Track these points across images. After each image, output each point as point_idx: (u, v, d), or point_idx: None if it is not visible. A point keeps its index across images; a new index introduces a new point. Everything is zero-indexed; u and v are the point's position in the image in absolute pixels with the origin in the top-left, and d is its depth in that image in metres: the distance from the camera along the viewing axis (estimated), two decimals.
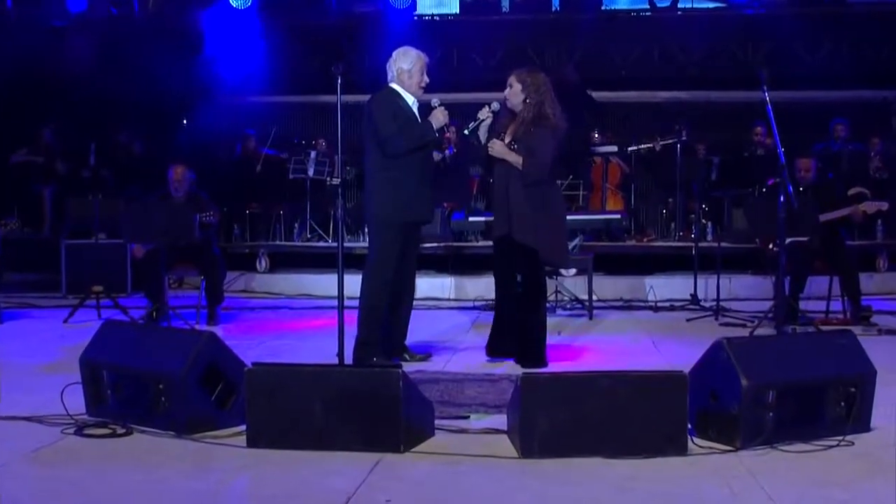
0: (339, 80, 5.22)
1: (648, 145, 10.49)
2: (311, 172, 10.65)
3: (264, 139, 11.18)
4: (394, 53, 5.77)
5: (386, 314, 5.79)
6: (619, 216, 8.76)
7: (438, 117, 5.69)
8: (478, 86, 10.30)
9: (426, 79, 5.73)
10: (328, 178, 10.68)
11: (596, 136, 10.82)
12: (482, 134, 5.73)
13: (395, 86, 5.74)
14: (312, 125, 12.06)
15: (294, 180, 10.82)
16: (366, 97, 5.75)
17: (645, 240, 10.43)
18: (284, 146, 11.39)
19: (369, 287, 5.72)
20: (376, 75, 6.00)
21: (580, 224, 8.74)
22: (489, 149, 5.63)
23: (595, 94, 10.88)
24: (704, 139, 10.89)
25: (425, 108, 5.79)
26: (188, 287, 9.44)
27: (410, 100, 5.73)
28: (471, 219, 8.97)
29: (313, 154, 10.75)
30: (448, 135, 5.93)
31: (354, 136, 6.83)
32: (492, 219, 5.81)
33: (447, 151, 10.06)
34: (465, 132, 5.76)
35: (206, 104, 11.34)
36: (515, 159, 5.53)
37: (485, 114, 5.70)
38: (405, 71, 5.69)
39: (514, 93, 5.62)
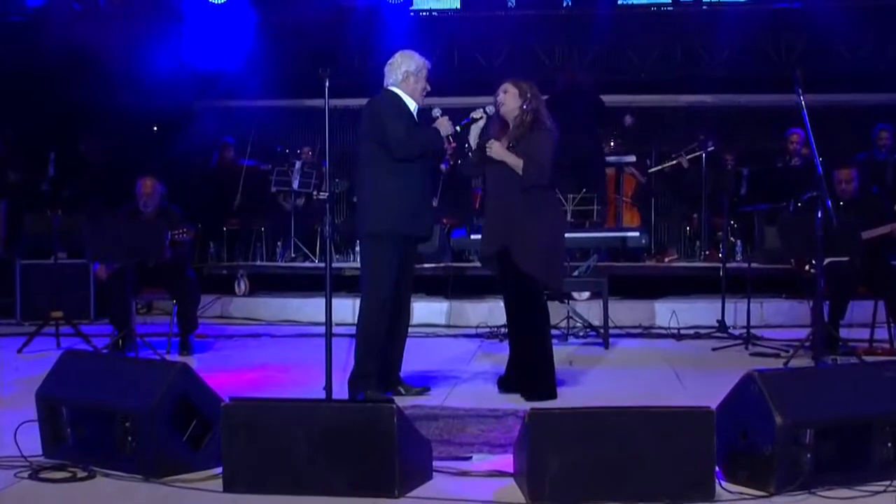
0: (328, 83, 5.29)
1: (673, 163, 10.55)
2: (295, 185, 10.70)
3: (244, 148, 11.24)
4: (397, 56, 5.92)
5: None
6: (636, 233, 8.75)
7: (445, 125, 5.85)
8: (480, 88, 10.34)
9: (427, 85, 5.90)
10: (315, 192, 10.72)
11: (611, 144, 10.86)
12: (472, 137, 5.91)
13: (396, 90, 5.85)
14: (298, 132, 12.11)
15: (277, 193, 10.87)
16: (357, 101, 5.89)
17: (666, 260, 10.44)
18: (266, 156, 11.44)
19: (367, 312, 5.76)
20: (369, 77, 6.12)
21: (594, 242, 8.75)
22: (487, 149, 5.78)
23: (611, 98, 10.85)
24: (733, 148, 10.92)
25: (426, 117, 5.94)
26: (158, 313, 9.46)
27: (412, 105, 5.87)
28: (472, 236, 8.93)
29: (298, 164, 10.80)
30: (452, 145, 6.01)
31: (344, 144, 6.88)
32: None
33: (442, 165, 10.10)
34: (457, 128, 5.93)
35: (178, 108, 11.38)
36: (515, 161, 5.70)
37: (479, 114, 5.91)
38: (412, 74, 5.84)
39: (511, 97, 5.81)
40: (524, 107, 5.77)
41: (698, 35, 12.00)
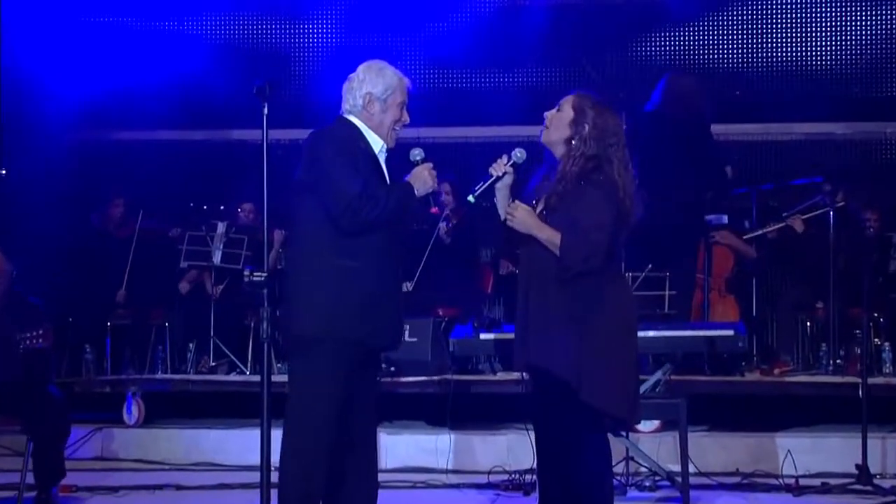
0: (266, 107, 5.36)
1: (781, 225, 10.58)
2: (217, 259, 10.74)
3: (140, 202, 11.28)
4: (359, 69, 5.83)
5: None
6: (731, 331, 8.66)
7: (424, 178, 5.71)
8: (493, 117, 10.39)
9: (406, 116, 5.84)
10: (247, 271, 10.68)
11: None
12: (501, 203, 5.74)
13: (354, 119, 5.79)
14: (220, 179, 12.19)
15: (189, 271, 10.86)
16: (306, 133, 5.82)
17: (777, 372, 10.36)
18: (173, 214, 11.48)
19: (291, 456, 5.65)
20: (327, 99, 6.10)
21: (665, 345, 8.65)
22: (508, 218, 5.64)
23: None
24: (875, 203, 10.89)
25: (398, 160, 5.84)
26: (4, 453, 9.36)
27: (377, 144, 5.77)
28: (482, 336, 8.92)
29: (221, 228, 10.82)
30: (434, 209, 5.95)
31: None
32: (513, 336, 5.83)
33: (442, 223, 10.11)
34: (470, 198, 5.74)
35: (38, 143, 11.39)
36: (549, 235, 5.55)
37: (502, 168, 5.69)
38: (376, 99, 5.75)
39: (560, 122, 5.69)
40: (573, 141, 5.63)
41: (823, 38, 12.14)
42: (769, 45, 12.34)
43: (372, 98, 5.75)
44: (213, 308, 10.85)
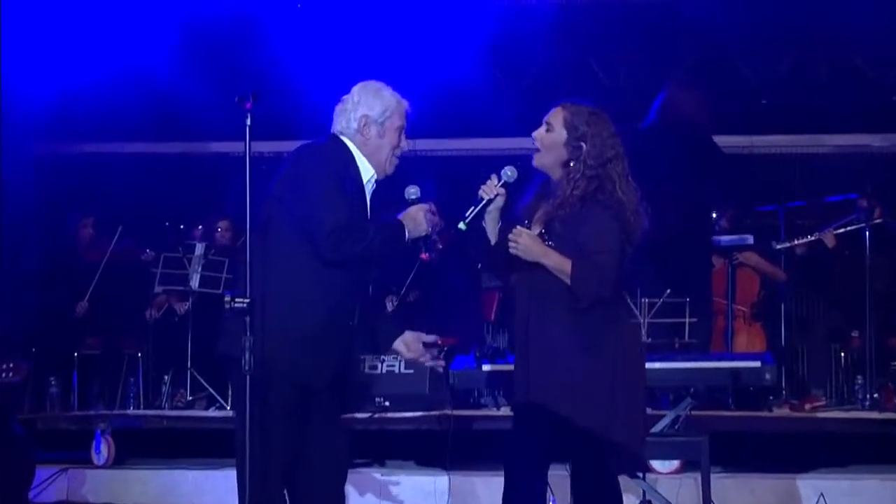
0: (249, 118, 5.36)
1: (810, 239, 10.56)
2: (195, 283, 10.77)
3: (110, 222, 11.32)
4: (354, 90, 5.83)
5: None
6: (757, 362, 8.67)
7: (418, 220, 5.70)
8: (494, 128, 10.38)
9: (405, 142, 5.85)
10: (228, 297, 10.65)
11: (713, 214, 10.94)
12: (491, 227, 5.78)
13: (347, 142, 5.79)
14: (198, 196, 12.27)
15: (165, 296, 10.83)
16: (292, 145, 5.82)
17: (808, 407, 10.37)
18: (147, 235, 11.51)
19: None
20: (313, 112, 6.13)
21: (685, 378, 8.66)
22: (511, 245, 5.62)
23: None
24: None
25: (387, 194, 5.85)
26: None
27: (367, 173, 5.77)
28: (485, 367, 8.93)
29: (200, 249, 10.85)
30: (425, 256, 5.91)
31: None
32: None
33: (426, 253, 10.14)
34: (461, 226, 5.76)
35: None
36: (558, 263, 5.57)
37: (493, 190, 5.71)
38: (373, 122, 5.75)
39: (553, 143, 5.71)
40: (572, 163, 5.65)
41: (857, 37, 12.10)
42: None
43: (368, 121, 5.75)
44: (190, 336, 10.88)
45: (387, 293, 10.76)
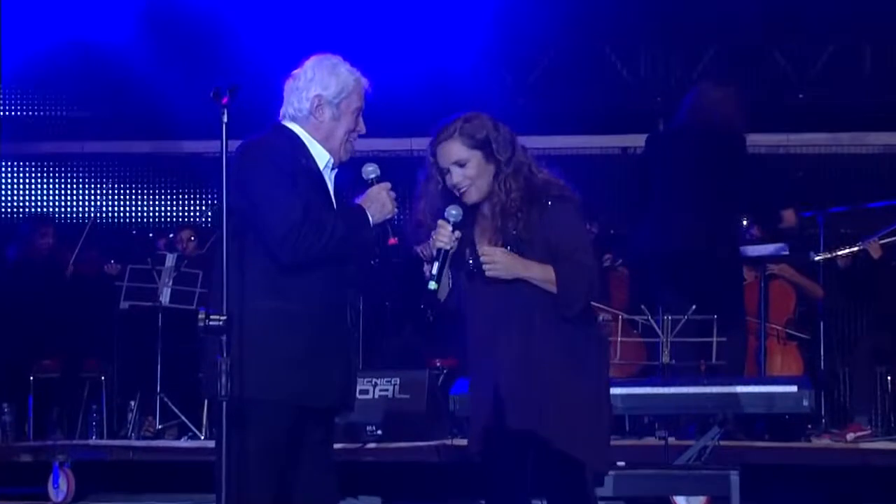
0: (226, 114, 5.39)
1: (853, 249, 10.51)
2: (165, 298, 10.77)
3: (73, 230, 11.32)
4: (306, 65, 5.86)
5: None
6: (793, 387, 8.69)
7: (381, 201, 5.73)
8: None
9: (362, 125, 5.87)
10: (202, 313, 10.62)
11: (744, 222, 10.95)
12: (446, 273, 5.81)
13: (296, 127, 5.78)
14: (169, 200, 12.29)
15: (130, 313, 10.78)
16: None
17: (850, 437, 10.30)
18: (112, 245, 11.52)
19: None
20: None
21: (714, 404, 8.72)
22: (487, 268, 5.70)
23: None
24: None
25: (350, 178, 5.86)
26: None
27: (323, 159, 5.78)
28: None
29: (171, 260, 10.87)
30: (393, 240, 5.89)
31: None
32: None
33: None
34: (432, 285, 5.79)
35: None
36: (540, 273, 5.69)
37: (450, 239, 5.73)
38: (327, 104, 5.77)
39: (477, 173, 5.77)
40: (501, 171, 5.74)
41: None
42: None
43: (322, 102, 5.78)
44: (160, 358, 10.90)
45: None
